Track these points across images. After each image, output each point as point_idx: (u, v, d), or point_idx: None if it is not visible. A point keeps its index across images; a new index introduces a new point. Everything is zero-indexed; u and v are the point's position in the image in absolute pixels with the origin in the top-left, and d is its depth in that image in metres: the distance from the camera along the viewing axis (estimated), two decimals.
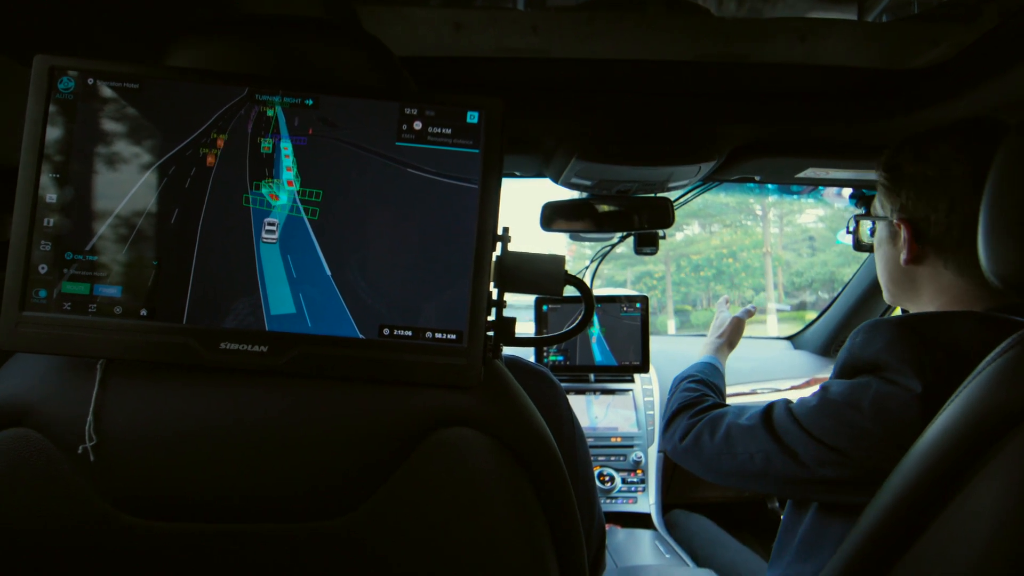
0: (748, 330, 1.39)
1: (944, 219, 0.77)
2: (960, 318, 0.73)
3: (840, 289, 1.81)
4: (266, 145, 0.46)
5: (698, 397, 1.04)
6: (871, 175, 1.20)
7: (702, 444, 0.92)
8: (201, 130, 0.46)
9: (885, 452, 0.68)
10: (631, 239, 1.47)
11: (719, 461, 0.88)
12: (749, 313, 1.40)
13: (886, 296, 0.91)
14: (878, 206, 0.87)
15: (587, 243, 1.59)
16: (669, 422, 1.02)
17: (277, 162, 0.47)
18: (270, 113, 0.46)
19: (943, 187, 0.77)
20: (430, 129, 0.47)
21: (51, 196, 0.45)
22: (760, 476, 0.82)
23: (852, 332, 0.78)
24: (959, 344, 0.68)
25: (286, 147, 0.47)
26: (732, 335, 1.35)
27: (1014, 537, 0.51)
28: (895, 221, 0.82)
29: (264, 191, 0.46)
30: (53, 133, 0.45)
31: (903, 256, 0.82)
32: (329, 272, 0.47)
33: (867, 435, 0.71)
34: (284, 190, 0.46)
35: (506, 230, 0.50)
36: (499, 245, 0.50)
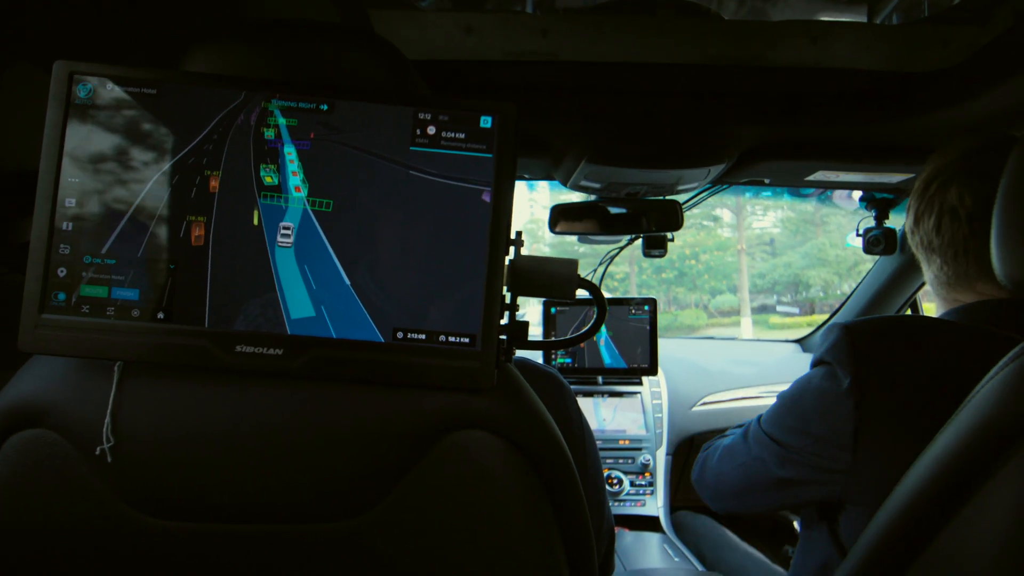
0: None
1: (910, 233, 0.83)
2: (920, 323, 0.74)
3: (849, 292, 1.80)
4: (269, 135, 0.47)
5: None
6: (881, 178, 1.20)
7: (706, 471, 0.94)
8: (205, 133, 0.46)
9: (828, 452, 0.70)
10: (635, 243, 1.47)
11: (718, 484, 0.90)
12: None
13: None
14: None
15: (548, 244, 1.59)
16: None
17: (283, 167, 0.47)
18: (271, 110, 0.47)
19: (913, 204, 0.83)
20: (444, 134, 0.47)
21: (70, 200, 0.46)
22: (747, 490, 0.84)
23: None
24: (900, 351, 0.69)
25: (290, 152, 0.47)
26: None
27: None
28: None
29: (272, 195, 0.47)
30: (72, 137, 0.46)
31: None
32: (345, 275, 0.47)
33: (812, 434, 0.72)
34: (292, 195, 0.47)
35: (519, 234, 0.51)
36: (512, 249, 0.50)
